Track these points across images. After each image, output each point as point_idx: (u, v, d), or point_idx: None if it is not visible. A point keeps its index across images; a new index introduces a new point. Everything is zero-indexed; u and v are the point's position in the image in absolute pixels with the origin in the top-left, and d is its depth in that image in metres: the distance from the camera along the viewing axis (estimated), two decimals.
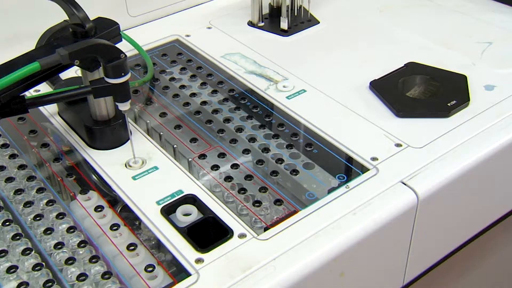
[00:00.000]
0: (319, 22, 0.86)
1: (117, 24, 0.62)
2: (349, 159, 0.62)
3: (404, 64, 0.74)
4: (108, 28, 0.61)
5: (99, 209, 0.57)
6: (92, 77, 0.60)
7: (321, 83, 0.73)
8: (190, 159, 0.63)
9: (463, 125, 0.65)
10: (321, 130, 0.66)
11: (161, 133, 0.67)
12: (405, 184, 0.58)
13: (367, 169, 0.60)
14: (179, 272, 0.51)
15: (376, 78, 0.72)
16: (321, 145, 0.65)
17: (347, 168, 0.62)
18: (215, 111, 0.71)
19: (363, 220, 0.54)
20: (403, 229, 0.58)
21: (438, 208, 0.60)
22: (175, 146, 0.65)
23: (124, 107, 0.58)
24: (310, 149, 0.64)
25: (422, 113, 0.66)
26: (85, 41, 0.55)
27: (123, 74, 0.56)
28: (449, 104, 0.66)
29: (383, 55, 0.78)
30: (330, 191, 0.59)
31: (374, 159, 0.61)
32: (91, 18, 0.73)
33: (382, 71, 0.73)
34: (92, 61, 0.58)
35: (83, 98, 0.63)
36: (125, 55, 0.56)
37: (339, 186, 0.59)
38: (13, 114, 0.56)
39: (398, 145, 0.63)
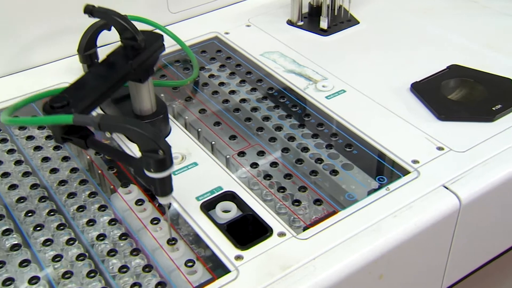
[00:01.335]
0: (359, 22, 0.85)
1: (162, 35, 0.63)
2: (390, 161, 0.62)
3: (447, 67, 0.73)
4: (155, 41, 0.62)
5: (140, 203, 0.58)
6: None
7: (360, 83, 0.73)
8: (228, 156, 0.63)
9: (508, 130, 0.64)
10: (360, 131, 0.65)
11: (199, 129, 0.67)
12: (447, 188, 0.57)
13: (408, 172, 0.60)
14: (218, 268, 0.51)
15: (418, 80, 0.71)
16: (361, 146, 0.64)
17: (387, 170, 0.61)
18: (254, 109, 0.71)
19: (404, 223, 0.54)
20: (444, 233, 0.57)
21: (480, 214, 0.59)
22: (213, 142, 0.65)
23: (163, 201, 0.52)
24: (349, 149, 0.64)
25: (465, 116, 0.65)
26: (124, 120, 0.50)
27: (162, 169, 0.49)
28: (493, 109, 0.65)
29: (425, 56, 0.77)
30: (370, 192, 0.58)
31: (415, 161, 0.60)
32: (133, 15, 0.74)
33: (423, 73, 0.72)
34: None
35: (128, 94, 0.64)
36: (164, 152, 0.48)
37: (379, 188, 0.58)
38: (73, 143, 0.55)
39: (440, 148, 0.62)
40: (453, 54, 0.76)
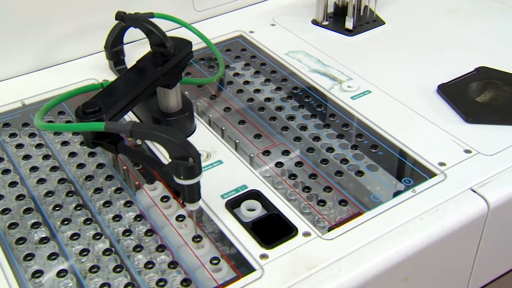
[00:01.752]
0: (384, 23, 0.84)
1: (190, 42, 0.64)
2: (416, 163, 0.61)
3: (475, 69, 0.72)
4: (184, 47, 0.63)
5: (165, 200, 0.58)
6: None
7: (386, 84, 0.72)
8: (252, 155, 0.63)
9: None
10: (386, 132, 0.65)
11: (223, 128, 0.67)
12: (475, 192, 0.56)
13: (435, 174, 0.59)
14: (243, 266, 0.51)
15: (445, 82, 0.70)
16: (386, 147, 0.64)
17: (413, 172, 0.61)
18: (279, 108, 0.71)
19: (430, 225, 0.53)
20: (471, 237, 0.56)
21: (509, 218, 0.58)
22: (237, 141, 0.65)
23: (192, 207, 0.52)
24: (375, 150, 0.64)
25: (493, 119, 0.64)
26: (155, 128, 0.50)
27: (191, 177, 0.49)
28: None
29: (452, 58, 0.76)
30: (396, 194, 0.58)
31: (442, 164, 0.60)
32: (159, 13, 0.75)
33: (450, 75, 0.72)
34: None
35: (154, 91, 0.65)
36: (194, 159, 0.48)
37: (405, 190, 0.58)
38: (104, 148, 0.55)
39: (467, 151, 0.61)
40: (481, 55, 0.75)
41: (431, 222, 0.53)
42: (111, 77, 0.74)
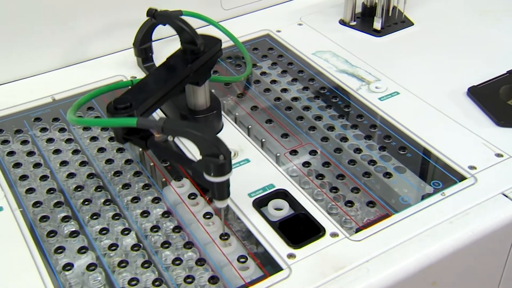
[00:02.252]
0: (413, 24, 0.83)
1: (220, 40, 0.64)
2: (445, 166, 0.60)
3: (507, 71, 0.71)
4: (213, 45, 0.63)
5: (192, 197, 0.58)
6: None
7: (415, 86, 0.71)
8: (278, 154, 0.63)
9: None
10: (415, 134, 0.64)
11: (250, 126, 0.67)
12: (506, 196, 0.55)
13: (464, 178, 0.58)
14: (270, 265, 0.51)
15: (475, 85, 0.69)
16: (415, 149, 0.63)
17: (442, 175, 0.60)
18: (306, 107, 0.70)
19: (460, 229, 0.53)
20: (502, 242, 0.56)
21: None
22: (263, 140, 0.65)
23: (220, 204, 0.52)
24: (403, 152, 0.63)
25: None
26: (186, 126, 0.50)
27: (221, 174, 0.49)
28: None
29: (482, 60, 0.75)
30: (424, 197, 0.57)
31: (472, 167, 0.59)
32: (188, 11, 0.75)
33: (481, 77, 0.71)
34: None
35: (182, 89, 0.65)
36: (225, 157, 0.48)
37: (434, 193, 0.57)
38: (134, 143, 0.56)
39: (498, 155, 0.60)
40: None
41: (461, 226, 0.53)
42: (139, 74, 0.75)
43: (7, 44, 0.72)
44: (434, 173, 0.61)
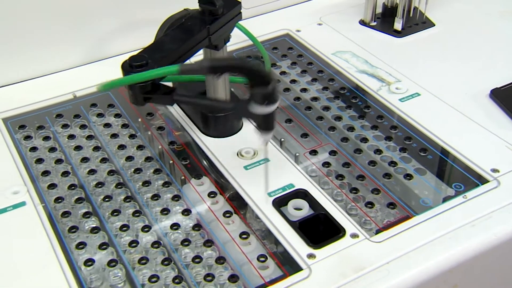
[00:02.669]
0: (434, 25, 0.83)
1: (239, 3, 0.63)
2: (467, 168, 0.60)
3: None
4: (232, 7, 0.61)
5: (212, 195, 0.58)
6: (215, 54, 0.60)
7: (436, 87, 0.71)
8: (297, 154, 0.63)
9: None
10: (436, 136, 0.64)
11: None
12: None
13: (487, 181, 0.58)
14: (290, 265, 0.51)
15: (498, 87, 0.68)
16: (436, 151, 0.63)
17: (463, 178, 0.59)
18: (326, 108, 0.70)
19: (482, 233, 0.52)
20: None
21: None
22: (282, 139, 0.65)
23: (266, 136, 0.52)
24: (424, 154, 0.63)
25: None
26: (232, 59, 0.52)
27: (271, 103, 0.49)
28: None
29: (505, 62, 0.74)
30: (445, 199, 0.57)
31: (495, 170, 0.58)
32: None
33: (504, 79, 0.70)
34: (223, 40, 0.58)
35: (203, 91, 0.65)
36: (275, 82, 0.49)
37: (456, 195, 0.57)
38: (155, 102, 0.55)
39: None
40: None
41: (483, 230, 0.52)
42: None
43: (30, 41, 0.73)
44: (455, 175, 0.60)
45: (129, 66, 0.53)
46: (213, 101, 0.55)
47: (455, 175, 0.60)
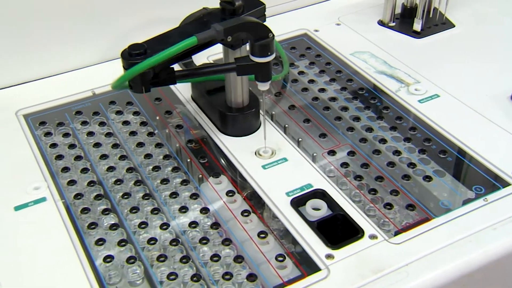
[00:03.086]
0: (454, 26, 0.82)
1: (263, 4, 0.63)
2: (487, 171, 0.59)
3: None
4: (255, 8, 0.62)
5: (230, 194, 0.58)
6: (233, 55, 0.61)
7: (456, 89, 0.70)
8: (315, 154, 0.63)
9: None
10: (456, 138, 0.63)
11: (286, 125, 0.67)
12: None
13: (508, 184, 0.57)
14: (308, 265, 0.51)
15: None
16: (456, 153, 0.62)
17: (484, 180, 0.59)
18: (344, 108, 0.70)
19: (504, 236, 0.52)
20: None
21: None
22: (299, 139, 0.65)
23: (263, 87, 0.59)
24: (443, 156, 0.62)
25: None
26: (238, 18, 0.56)
27: (269, 53, 0.56)
28: None
29: None
30: (466, 202, 0.56)
31: None
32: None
33: None
34: (239, 39, 0.59)
35: (221, 86, 0.65)
36: (273, 35, 0.56)
37: (476, 198, 0.56)
38: (163, 85, 0.58)
39: None
40: None
41: (505, 233, 0.52)
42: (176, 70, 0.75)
43: (51, 39, 0.73)
44: (475, 177, 0.59)
45: (128, 55, 0.55)
46: (216, 66, 0.60)
47: (475, 178, 0.59)
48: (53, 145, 0.64)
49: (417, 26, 0.80)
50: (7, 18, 0.69)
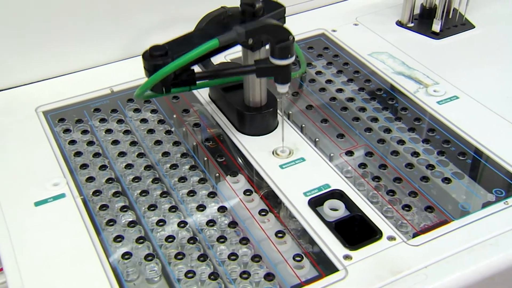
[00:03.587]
0: (474, 27, 0.81)
1: (283, 6, 0.63)
2: (508, 174, 0.59)
3: None
4: (275, 10, 0.62)
5: (248, 193, 0.58)
6: (252, 57, 0.61)
7: (475, 91, 0.70)
8: (332, 154, 0.63)
9: None
10: (475, 140, 0.63)
11: (303, 125, 0.67)
12: None
13: None
14: (326, 265, 0.51)
15: None
16: (475, 156, 0.62)
17: (504, 183, 0.58)
18: (362, 108, 0.70)
19: None
20: None
21: None
22: (316, 139, 0.65)
23: (283, 89, 0.59)
24: (463, 158, 0.62)
25: None
26: (259, 21, 0.57)
27: (289, 56, 0.56)
28: None
29: None
30: (486, 205, 0.56)
31: None
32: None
33: None
34: (260, 41, 0.59)
35: (238, 84, 0.65)
36: (293, 38, 0.56)
37: (497, 201, 0.56)
38: (182, 86, 0.58)
39: None
40: None
41: None
42: (194, 68, 0.75)
43: (70, 36, 0.74)
44: (495, 180, 0.59)
45: (149, 56, 0.56)
46: (235, 68, 0.60)
47: (496, 181, 0.59)
48: (72, 142, 0.65)
49: (436, 27, 0.80)
50: (27, 16, 0.70)
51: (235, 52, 0.77)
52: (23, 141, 0.64)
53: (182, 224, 0.55)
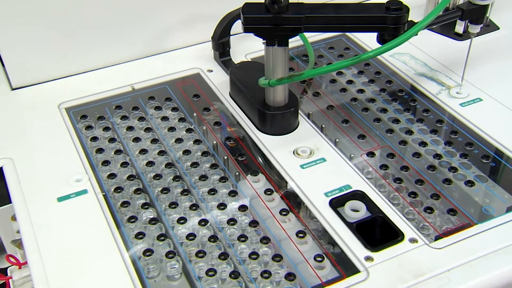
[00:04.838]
0: (498, 28, 0.80)
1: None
2: None
3: None
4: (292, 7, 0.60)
5: (268, 193, 0.58)
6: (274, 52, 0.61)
7: (499, 93, 0.69)
8: (352, 155, 0.62)
9: None
10: (499, 143, 0.62)
11: (323, 126, 0.67)
12: None
13: None
14: (347, 266, 0.51)
15: None
16: (500, 159, 0.61)
17: None
18: (383, 110, 0.69)
19: None
20: None
21: None
22: (337, 140, 0.65)
23: (474, 29, 0.69)
24: (486, 161, 0.61)
25: None
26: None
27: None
28: None
29: None
30: (510, 209, 0.55)
31: None
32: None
33: None
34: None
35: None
36: None
37: None
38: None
39: None
40: None
41: None
42: (216, 67, 0.76)
43: (93, 34, 0.74)
44: None
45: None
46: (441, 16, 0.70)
47: None
48: (94, 139, 0.65)
49: (459, 28, 0.79)
50: (51, 14, 0.71)
51: (254, 52, 0.77)
52: (46, 137, 0.65)
53: (203, 222, 0.55)
